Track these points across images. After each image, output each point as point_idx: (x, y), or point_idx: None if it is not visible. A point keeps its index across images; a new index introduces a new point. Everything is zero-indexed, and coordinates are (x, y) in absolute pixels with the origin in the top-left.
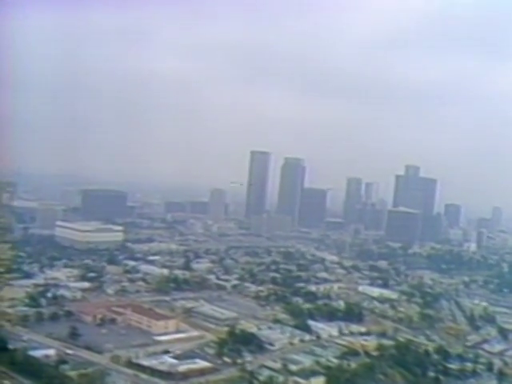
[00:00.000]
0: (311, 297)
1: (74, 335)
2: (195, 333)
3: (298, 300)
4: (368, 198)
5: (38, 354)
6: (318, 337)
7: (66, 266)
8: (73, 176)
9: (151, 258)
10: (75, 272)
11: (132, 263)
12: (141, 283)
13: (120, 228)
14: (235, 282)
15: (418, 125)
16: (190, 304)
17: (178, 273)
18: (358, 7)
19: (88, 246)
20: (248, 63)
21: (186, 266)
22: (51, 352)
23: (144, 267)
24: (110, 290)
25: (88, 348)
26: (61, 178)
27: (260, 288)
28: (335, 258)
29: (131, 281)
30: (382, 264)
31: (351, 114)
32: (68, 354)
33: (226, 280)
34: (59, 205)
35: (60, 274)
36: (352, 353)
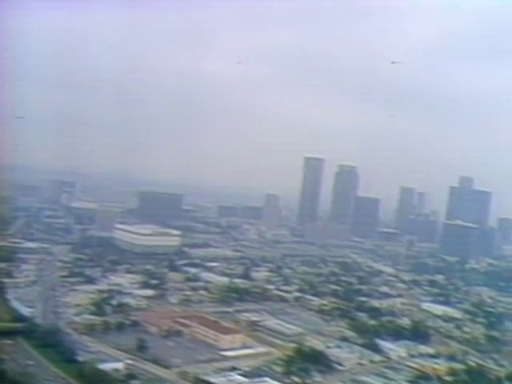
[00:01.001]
0: (375, 313)
1: (141, 348)
2: (262, 349)
3: (363, 316)
4: (421, 208)
5: (107, 367)
6: (388, 358)
7: (127, 272)
8: (125, 175)
9: (209, 264)
10: (137, 278)
11: (193, 270)
12: (203, 292)
13: (177, 232)
14: (296, 293)
15: (475, 137)
16: (254, 317)
17: (238, 282)
18: (420, 13)
19: (146, 250)
20: (305, 69)
21: (245, 275)
22: (120, 365)
23: (204, 275)
24: (173, 299)
25: (156, 362)
26: (114, 177)
27: (323, 302)
28: (392, 271)
29: (193, 289)
30: (440, 279)
31: (407, 124)
32: (137, 368)
33: (287, 291)
34: (117, 206)
35: (123, 280)
36: (424, 377)
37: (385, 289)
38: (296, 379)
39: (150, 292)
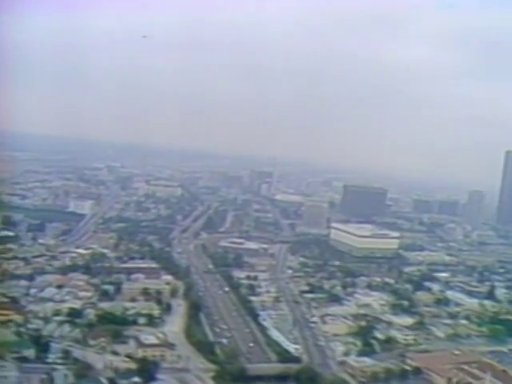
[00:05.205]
0: None
1: None
2: None
3: None
4: None
5: None
6: None
7: (368, 287)
8: (310, 163)
9: (439, 275)
10: (385, 297)
11: (435, 287)
12: (464, 322)
13: (396, 234)
14: None
15: None
16: None
17: (487, 304)
18: None
19: (365, 253)
20: (495, 56)
21: (490, 294)
22: None
23: (450, 294)
24: (438, 332)
25: None
26: (300, 165)
27: None
28: None
29: (451, 316)
30: None
31: None
32: None
33: None
34: (324, 201)
35: (371, 300)
36: None
37: None
38: None
39: (409, 320)
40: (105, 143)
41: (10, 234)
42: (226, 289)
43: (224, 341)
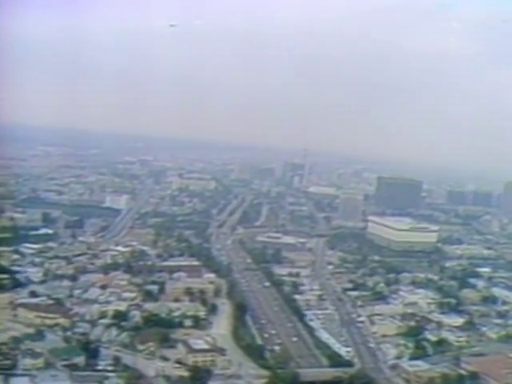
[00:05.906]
0: None
1: None
2: None
3: None
4: None
5: None
6: None
7: (413, 283)
8: (336, 155)
9: (481, 270)
10: (430, 295)
11: (480, 283)
12: None
13: (435, 228)
14: None
15: None
16: None
17: None
18: None
19: (404, 247)
20: None
21: None
22: None
23: (496, 291)
24: (490, 333)
25: None
26: (327, 156)
27: None
28: None
29: (500, 315)
30: None
31: None
32: None
33: None
34: (359, 194)
35: (417, 298)
36: None
37: None
38: None
39: (459, 320)
40: (134, 137)
41: (50, 231)
42: (268, 286)
43: (273, 344)
